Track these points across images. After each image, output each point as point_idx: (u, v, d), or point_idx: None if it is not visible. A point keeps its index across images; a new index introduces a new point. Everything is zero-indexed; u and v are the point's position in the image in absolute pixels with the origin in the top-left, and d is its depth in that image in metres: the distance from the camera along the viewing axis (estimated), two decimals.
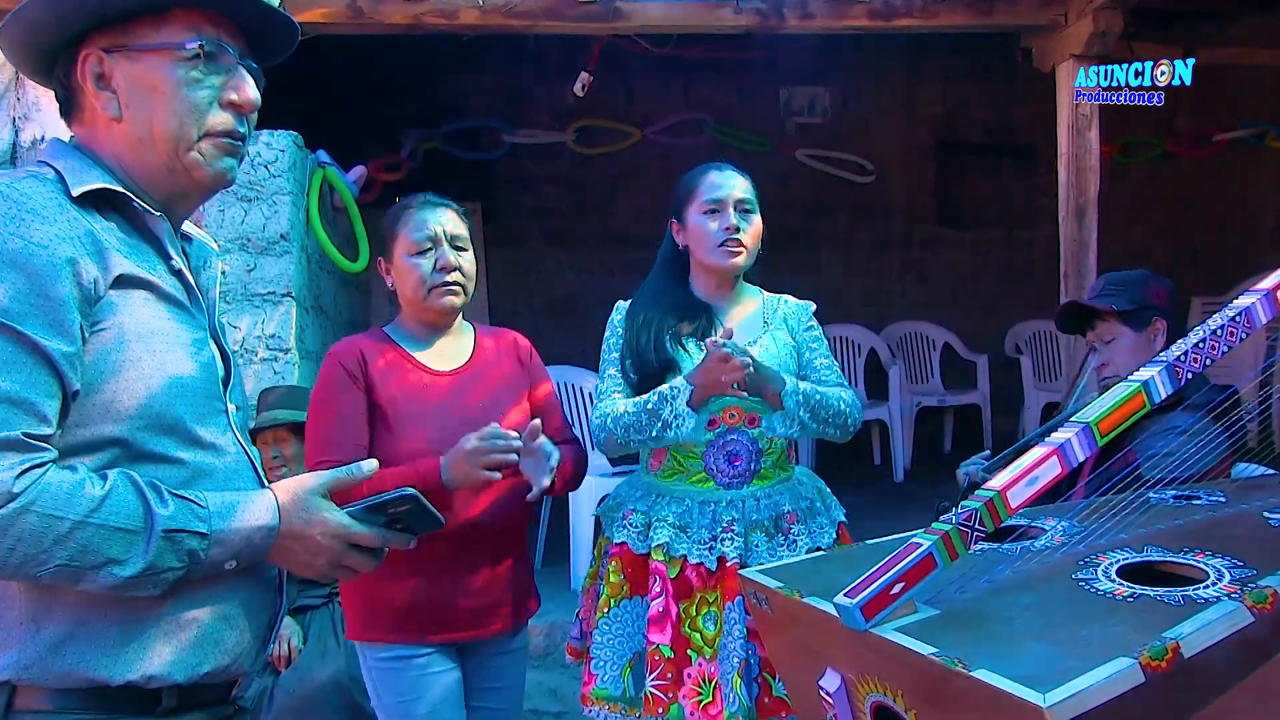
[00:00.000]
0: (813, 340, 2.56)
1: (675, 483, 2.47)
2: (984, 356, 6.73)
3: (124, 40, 1.30)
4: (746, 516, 2.41)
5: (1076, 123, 4.22)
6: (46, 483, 1.14)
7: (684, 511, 2.42)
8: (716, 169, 2.53)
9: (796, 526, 2.42)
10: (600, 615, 2.47)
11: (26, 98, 4.10)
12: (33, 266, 1.17)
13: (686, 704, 2.33)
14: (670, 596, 2.38)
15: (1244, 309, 1.59)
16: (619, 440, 2.42)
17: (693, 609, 2.39)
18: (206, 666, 1.28)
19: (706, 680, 2.34)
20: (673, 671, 2.35)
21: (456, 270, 2.24)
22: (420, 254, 2.23)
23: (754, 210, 2.49)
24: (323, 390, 2.21)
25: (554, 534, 4.67)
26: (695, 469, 2.45)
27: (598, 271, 7.16)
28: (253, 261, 4.07)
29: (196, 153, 1.32)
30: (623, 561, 2.46)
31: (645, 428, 2.37)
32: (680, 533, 2.40)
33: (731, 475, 2.44)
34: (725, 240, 2.44)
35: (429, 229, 2.23)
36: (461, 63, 6.43)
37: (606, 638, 2.44)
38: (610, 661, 2.43)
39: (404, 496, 1.31)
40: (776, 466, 2.48)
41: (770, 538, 2.40)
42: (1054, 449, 1.45)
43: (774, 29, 4.39)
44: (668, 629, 2.36)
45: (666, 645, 2.35)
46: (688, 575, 2.39)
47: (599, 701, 2.42)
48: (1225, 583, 1.31)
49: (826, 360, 2.54)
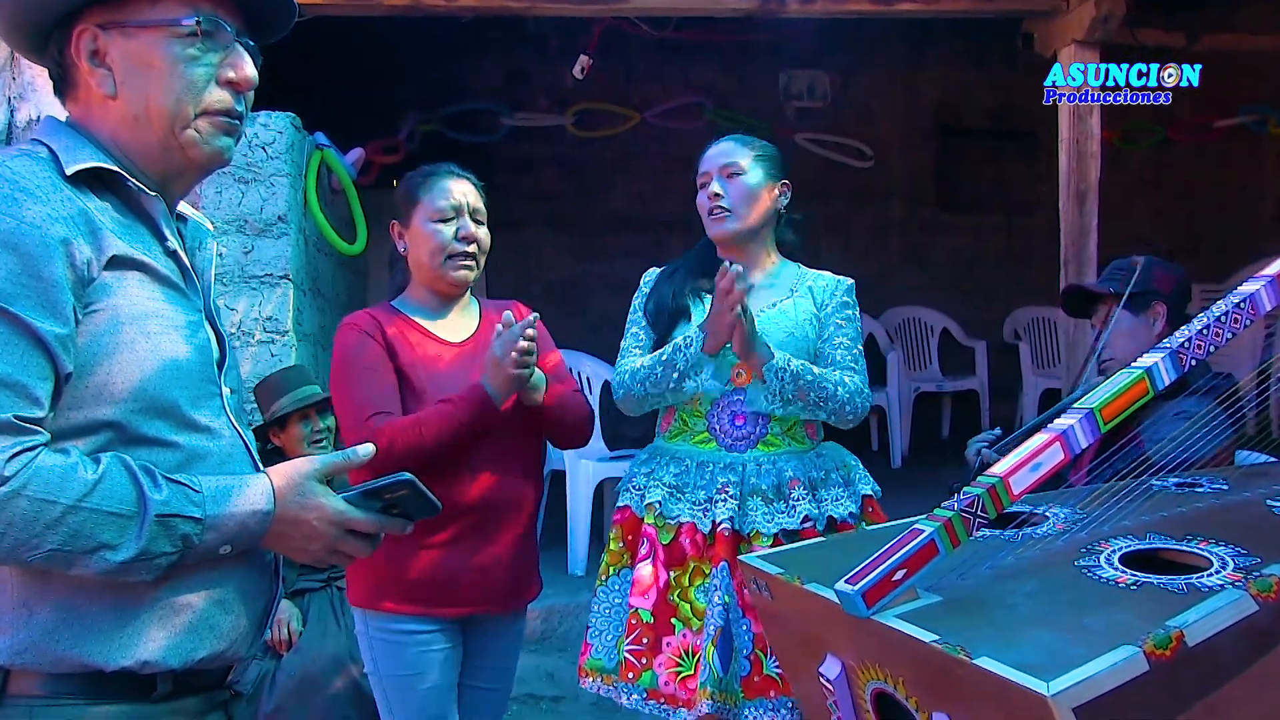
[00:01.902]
0: (840, 318, 2.48)
1: (678, 443, 2.47)
2: (983, 342, 6.73)
3: (119, 16, 1.28)
4: (745, 480, 2.37)
5: (1077, 109, 4.21)
6: (38, 466, 1.13)
7: (681, 472, 2.41)
8: (714, 142, 2.54)
9: (798, 491, 2.36)
10: (599, 584, 2.47)
11: (22, 77, 4.08)
12: (25, 246, 1.15)
13: (662, 673, 2.31)
14: (660, 562, 2.36)
15: (1249, 295, 1.58)
16: (637, 395, 2.42)
17: (685, 578, 2.37)
18: (202, 652, 1.27)
19: (689, 653, 2.31)
20: (650, 637, 2.33)
21: (475, 243, 2.25)
22: (443, 221, 2.23)
23: (742, 172, 2.45)
24: (348, 355, 2.20)
25: (552, 518, 4.66)
26: (699, 428, 2.44)
27: (597, 255, 7.15)
28: (250, 243, 4.05)
29: (193, 131, 1.30)
30: (623, 528, 2.46)
31: (662, 379, 2.36)
32: (676, 492, 2.38)
33: (735, 437, 2.41)
34: (711, 209, 2.46)
35: (454, 198, 2.24)
36: (460, 45, 6.40)
37: (603, 607, 2.45)
38: (605, 632, 2.43)
39: (400, 482, 1.30)
40: (787, 434, 2.43)
41: (769, 503, 2.34)
42: (1057, 435, 1.44)
43: (774, 12, 4.37)
44: (652, 594, 2.35)
45: (647, 610, 2.34)
46: (681, 542, 2.37)
47: (593, 673, 2.41)
48: (1229, 571, 1.30)
49: (845, 342, 2.46)
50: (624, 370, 2.45)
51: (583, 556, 4.37)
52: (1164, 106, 6.60)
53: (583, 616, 3.99)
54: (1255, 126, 6.82)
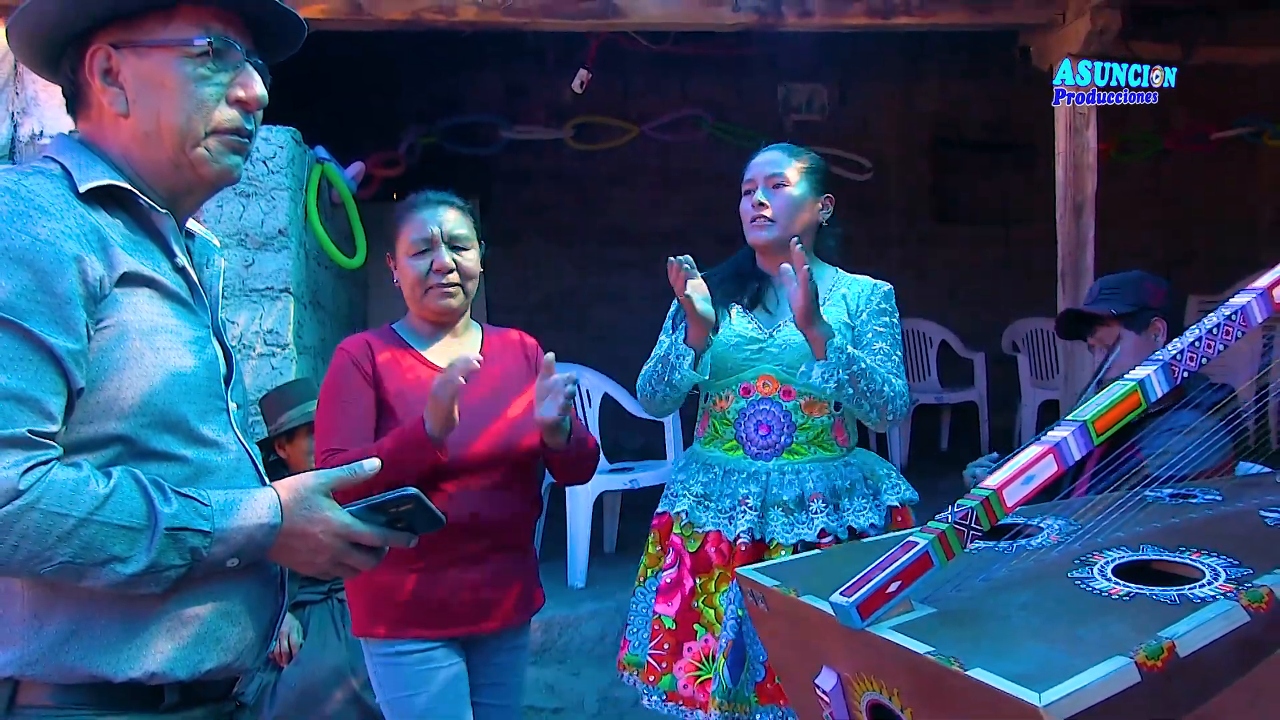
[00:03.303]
0: (877, 324, 2.49)
1: (710, 449, 2.53)
2: (981, 354, 6.73)
3: (132, 36, 1.30)
4: (768, 491, 2.40)
5: (1074, 121, 4.23)
6: (51, 480, 1.14)
7: (710, 480, 2.46)
8: (758, 152, 2.59)
9: (816, 504, 2.39)
10: (638, 585, 2.55)
11: (25, 92, 4.10)
12: (39, 263, 1.17)
13: (681, 676, 2.39)
14: (685, 569, 2.43)
15: (1240, 307, 1.59)
16: (647, 394, 2.51)
17: (711, 584, 2.42)
18: (209, 664, 1.29)
19: (709, 658, 2.38)
20: (671, 643, 2.41)
21: (453, 272, 2.25)
22: (417, 255, 2.24)
23: (787, 183, 2.50)
24: (332, 383, 2.23)
25: (551, 531, 4.67)
26: (728, 435, 2.49)
27: (595, 267, 7.16)
28: (251, 257, 4.07)
29: (203, 149, 1.33)
30: (660, 533, 2.53)
31: (661, 375, 2.43)
32: (704, 500, 2.44)
33: (760, 445, 2.45)
34: (754, 217, 2.51)
35: (426, 230, 2.24)
36: (460, 59, 6.43)
37: (640, 606, 2.52)
38: (641, 630, 2.51)
39: (405, 496, 1.32)
40: (813, 443, 2.45)
41: (789, 514, 2.38)
42: (1050, 447, 1.46)
43: (772, 26, 4.39)
44: (676, 600, 2.42)
45: (669, 617, 2.42)
46: (707, 551, 2.42)
47: (630, 668, 2.51)
48: (1221, 582, 1.31)
49: (884, 347, 2.45)
50: (641, 374, 2.53)
51: (583, 569, 4.38)
52: (1161, 118, 6.68)
53: (583, 628, 4.02)
54: (1250, 138, 6.85)
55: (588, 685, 3.74)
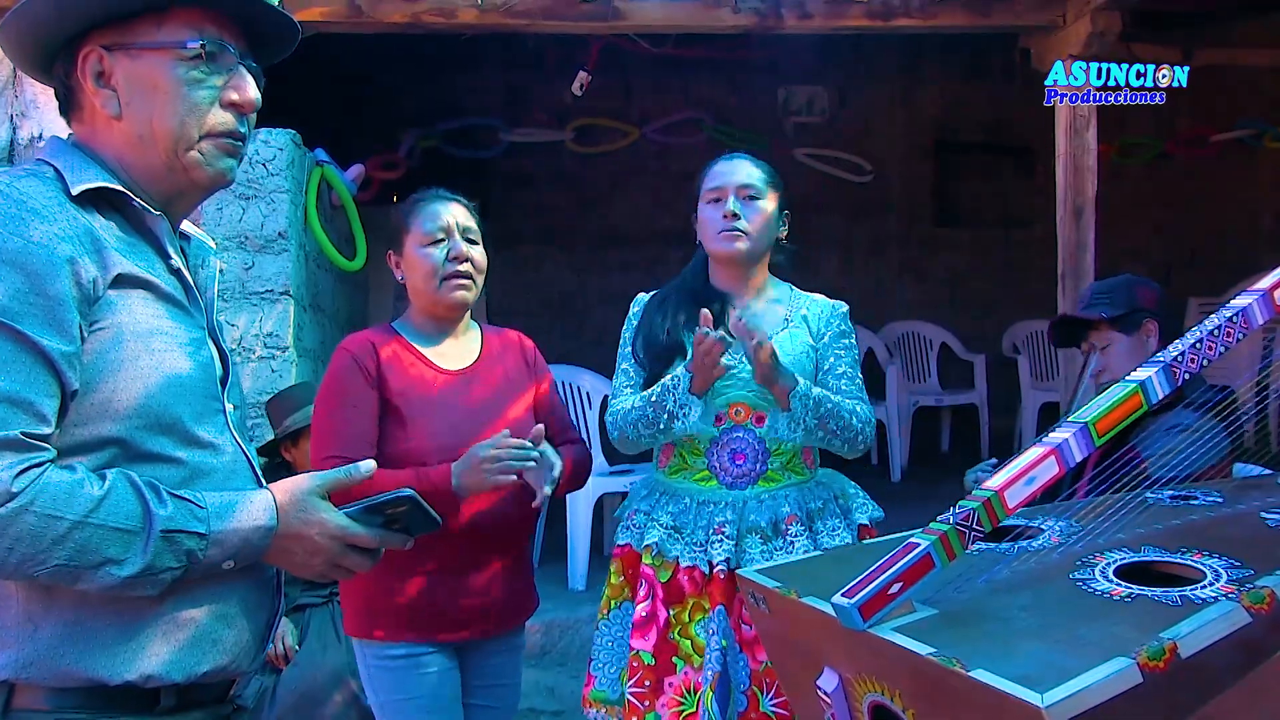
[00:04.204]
0: (839, 348, 2.46)
1: (678, 480, 2.43)
2: (981, 356, 6.74)
3: (125, 39, 1.30)
4: (744, 519, 2.34)
5: (1074, 123, 4.23)
6: (45, 482, 1.14)
7: (681, 511, 2.38)
8: (725, 158, 2.50)
9: (795, 528, 2.34)
10: (601, 618, 2.46)
11: (24, 95, 4.10)
12: (32, 265, 1.17)
13: (665, 713, 2.29)
14: (659, 601, 2.34)
15: (1241, 309, 1.59)
16: (630, 438, 2.40)
17: (685, 614, 2.34)
18: (205, 666, 1.28)
19: (691, 690, 2.30)
20: (651, 679, 2.31)
21: (468, 261, 2.24)
22: (433, 244, 2.22)
23: (761, 197, 2.43)
24: (332, 384, 2.20)
25: (552, 533, 4.67)
26: (699, 466, 2.40)
27: (596, 270, 7.17)
28: (250, 259, 4.07)
29: (196, 152, 1.32)
30: (623, 563, 2.44)
31: (653, 421, 2.33)
32: (674, 533, 2.36)
33: (735, 475, 2.38)
34: (724, 228, 2.39)
35: (442, 220, 2.23)
36: (460, 62, 6.43)
37: (605, 640, 2.44)
38: (608, 664, 2.42)
39: (402, 498, 1.31)
40: (787, 469, 2.40)
41: (766, 541, 2.32)
42: (1052, 449, 1.45)
43: (772, 29, 4.39)
44: (652, 634, 2.33)
45: (647, 652, 2.32)
46: (679, 580, 2.35)
47: (597, 704, 2.42)
48: (1223, 583, 1.31)
49: (848, 371, 2.43)
50: (616, 410, 2.42)
51: (583, 572, 4.37)
52: (1162, 120, 6.69)
53: (583, 630, 4.01)
54: (1250, 141, 6.85)
55: None
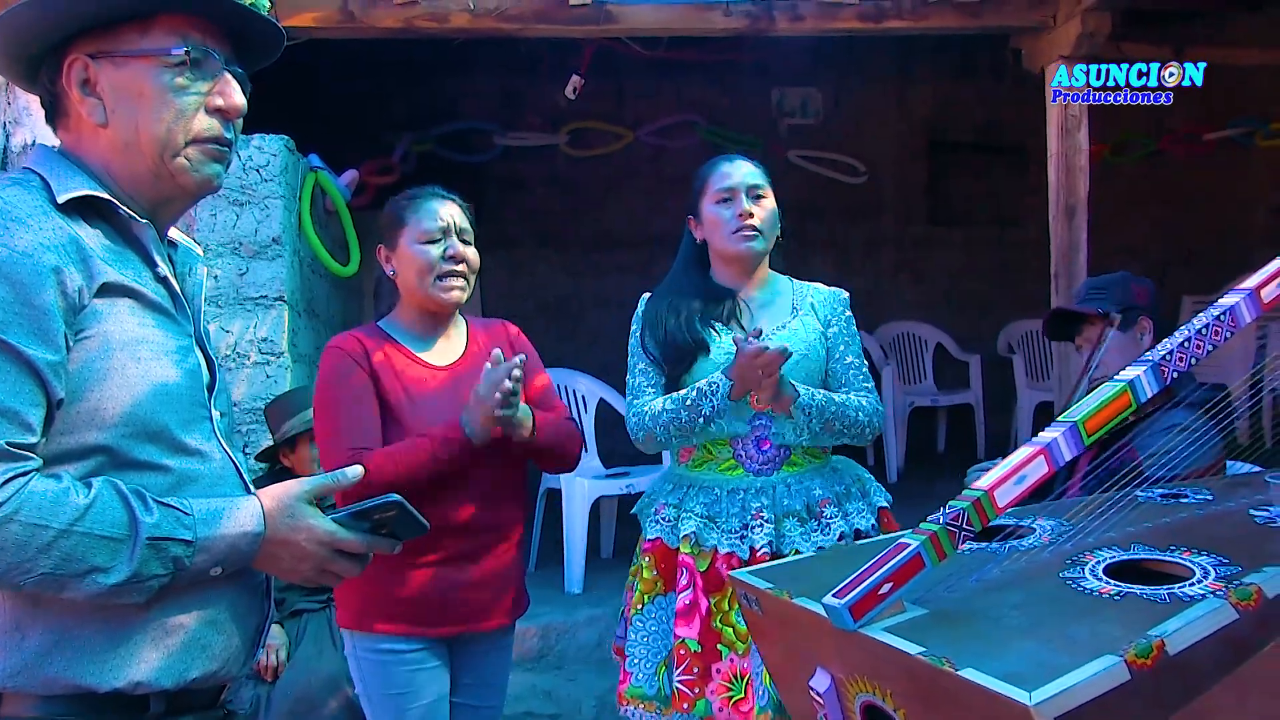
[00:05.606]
0: (847, 336, 2.52)
1: (704, 472, 2.47)
2: (976, 356, 6.74)
3: (110, 46, 1.30)
4: (777, 503, 2.38)
5: (1066, 123, 4.24)
6: (30, 491, 1.14)
7: (713, 501, 2.41)
8: (727, 160, 2.55)
9: (830, 509, 2.39)
10: (634, 612, 2.47)
11: (17, 103, 4.10)
12: (17, 275, 1.17)
13: (715, 699, 2.32)
14: (700, 590, 2.37)
15: (1228, 308, 1.60)
16: (660, 439, 2.43)
17: (725, 602, 2.36)
18: (194, 672, 1.28)
19: (738, 676, 2.32)
20: (699, 666, 2.34)
21: (464, 262, 2.25)
22: (430, 242, 2.23)
23: (766, 195, 2.50)
24: (332, 381, 2.20)
25: (548, 537, 4.67)
26: (724, 456, 2.44)
27: (590, 273, 7.17)
28: (244, 265, 4.07)
29: (183, 158, 1.32)
30: (656, 557, 2.46)
31: (687, 424, 2.36)
32: (709, 523, 2.38)
33: (761, 461, 2.42)
34: (740, 227, 2.45)
35: (440, 219, 2.24)
36: (453, 66, 6.43)
37: (641, 635, 2.45)
38: (645, 659, 2.43)
39: (389, 503, 1.32)
40: (808, 454, 2.45)
41: (803, 523, 2.37)
42: (1041, 448, 1.46)
43: (764, 31, 4.39)
44: (695, 623, 2.35)
45: (693, 639, 2.34)
46: (718, 567, 2.36)
47: (634, 700, 2.42)
48: (1210, 580, 1.32)
49: (855, 361, 2.50)
50: (641, 411, 2.45)
51: (579, 575, 4.37)
52: (1155, 118, 6.69)
53: (580, 634, 4.01)
54: (1243, 139, 6.87)
55: (585, 691, 3.74)
